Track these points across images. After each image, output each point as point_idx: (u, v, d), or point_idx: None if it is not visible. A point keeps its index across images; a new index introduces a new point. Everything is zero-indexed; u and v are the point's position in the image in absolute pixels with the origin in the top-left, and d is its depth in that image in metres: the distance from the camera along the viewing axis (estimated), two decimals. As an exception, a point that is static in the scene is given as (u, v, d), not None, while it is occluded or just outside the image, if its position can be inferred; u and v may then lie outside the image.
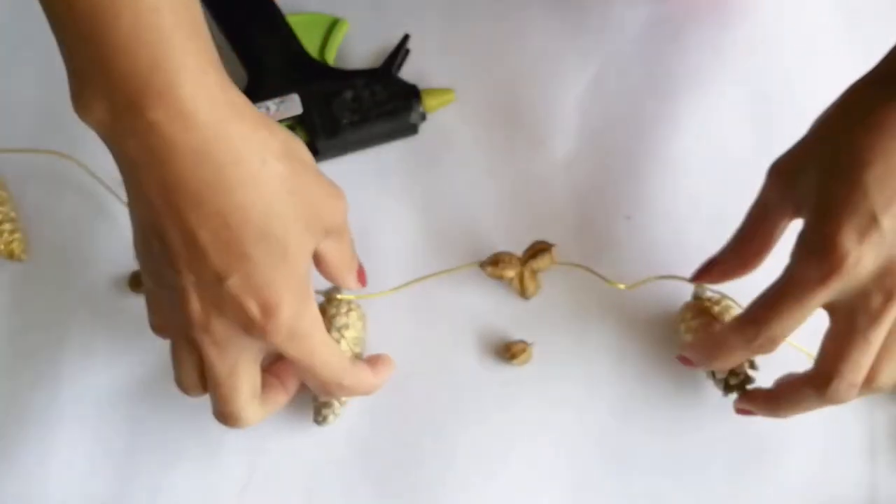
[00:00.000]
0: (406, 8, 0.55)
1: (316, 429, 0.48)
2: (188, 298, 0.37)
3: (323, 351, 0.40)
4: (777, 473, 0.48)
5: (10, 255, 0.51)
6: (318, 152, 0.51)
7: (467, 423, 0.48)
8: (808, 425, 0.46)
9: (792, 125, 0.52)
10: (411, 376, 0.49)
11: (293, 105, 0.51)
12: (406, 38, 0.54)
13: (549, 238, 0.51)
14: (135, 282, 0.50)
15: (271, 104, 0.51)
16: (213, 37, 0.52)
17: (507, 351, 0.49)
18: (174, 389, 0.50)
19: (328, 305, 0.48)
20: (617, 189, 0.52)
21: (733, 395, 0.46)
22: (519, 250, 0.51)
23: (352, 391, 0.43)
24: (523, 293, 0.50)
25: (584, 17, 0.55)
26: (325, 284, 0.49)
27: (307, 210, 0.38)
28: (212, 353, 0.38)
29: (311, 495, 0.48)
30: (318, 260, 0.42)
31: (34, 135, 0.53)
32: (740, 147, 0.52)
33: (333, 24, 0.54)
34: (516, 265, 0.49)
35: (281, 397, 0.44)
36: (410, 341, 0.50)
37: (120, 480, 0.48)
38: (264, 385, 0.42)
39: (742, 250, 0.44)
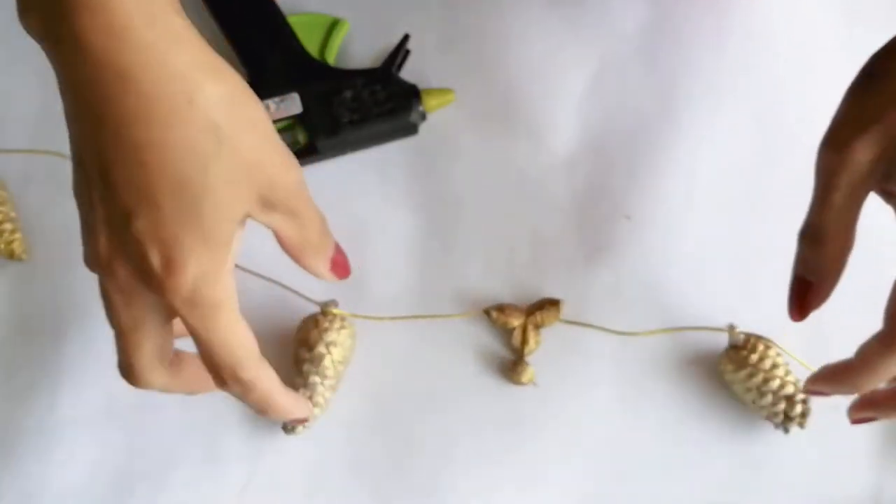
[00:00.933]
0: (406, 8, 0.55)
1: (316, 430, 0.48)
2: (97, 234, 0.34)
3: (227, 330, 0.36)
4: (781, 474, 0.48)
5: (10, 255, 0.51)
6: (317, 151, 0.51)
7: (467, 429, 0.48)
8: (812, 425, 0.46)
9: (792, 124, 0.52)
10: (410, 381, 0.49)
11: (293, 104, 0.51)
12: (406, 38, 0.54)
13: (548, 236, 0.51)
14: (135, 282, 0.50)
15: (271, 103, 0.51)
16: (214, 37, 0.53)
17: (510, 369, 0.49)
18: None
19: (322, 317, 0.48)
20: (617, 189, 0.52)
21: (795, 428, 0.46)
22: (519, 250, 0.51)
23: (248, 390, 0.38)
24: (522, 349, 0.49)
25: (583, 17, 0.55)
26: (330, 294, 0.49)
27: (238, 171, 0.34)
28: (116, 300, 0.35)
29: (310, 496, 0.48)
30: (276, 237, 0.39)
31: (34, 135, 0.53)
32: (740, 146, 0.52)
33: (334, 25, 0.54)
34: (520, 316, 0.49)
35: (200, 379, 0.40)
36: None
37: (120, 481, 0.48)
38: (183, 360, 0.39)
39: (833, 257, 0.39)
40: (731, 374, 0.47)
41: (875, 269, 0.50)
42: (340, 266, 0.42)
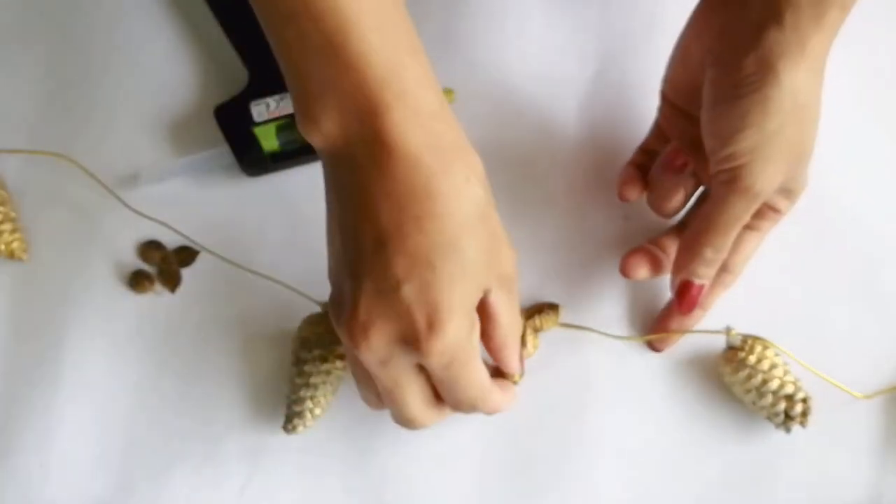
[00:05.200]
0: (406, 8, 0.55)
1: (316, 430, 0.48)
2: (357, 307, 0.37)
3: (469, 380, 0.40)
4: (781, 474, 0.48)
5: (10, 255, 0.51)
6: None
7: (466, 429, 0.48)
8: (813, 425, 0.46)
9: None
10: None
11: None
12: (406, 38, 0.53)
13: (547, 238, 0.51)
14: (135, 282, 0.51)
15: (271, 101, 0.51)
16: (214, 37, 0.53)
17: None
18: (173, 389, 0.50)
19: (323, 317, 0.48)
20: (616, 189, 0.52)
21: (796, 428, 0.46)
22: (518, 251, 0.51)
23: (482, 412, 0.42)
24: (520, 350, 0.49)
25: (583, 17, 0.55)
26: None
27: (490, 243, 0.38)
28: (373, 366, 0.39)
29: (310, 496, 0.48)
30: (486, 316, 0.40)
31: (34, 135, 0.53)
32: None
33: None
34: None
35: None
36: None
37: (120, 481, 0.48)
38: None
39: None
40: (730, 375, 0.47)
41: (872, 269, 0.50)
42: (522, 360, 0.44)
